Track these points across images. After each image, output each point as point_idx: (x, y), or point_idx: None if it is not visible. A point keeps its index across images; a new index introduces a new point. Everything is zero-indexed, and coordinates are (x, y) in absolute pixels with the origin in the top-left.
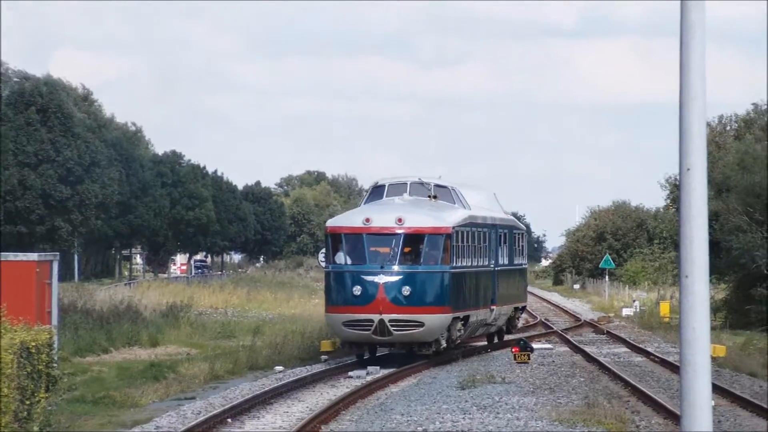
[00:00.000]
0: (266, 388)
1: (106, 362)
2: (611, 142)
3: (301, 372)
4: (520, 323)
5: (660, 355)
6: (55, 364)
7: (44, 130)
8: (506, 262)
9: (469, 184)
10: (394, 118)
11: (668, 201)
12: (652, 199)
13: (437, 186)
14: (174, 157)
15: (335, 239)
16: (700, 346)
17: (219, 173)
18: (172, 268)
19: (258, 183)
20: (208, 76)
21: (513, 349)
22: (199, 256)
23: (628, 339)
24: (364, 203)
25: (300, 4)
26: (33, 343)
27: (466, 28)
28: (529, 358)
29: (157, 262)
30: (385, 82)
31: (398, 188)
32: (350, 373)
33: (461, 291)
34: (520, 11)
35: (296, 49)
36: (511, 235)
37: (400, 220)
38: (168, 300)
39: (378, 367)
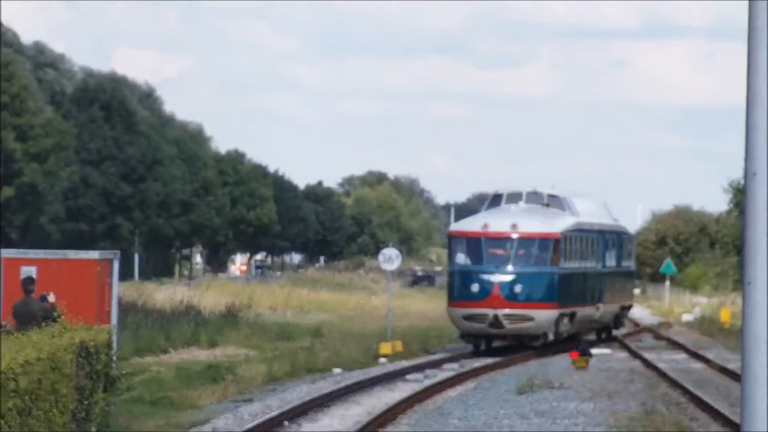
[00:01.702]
0: (324, 391)
1: (164, 362)
2: (672, 144)
3: (359, 375)
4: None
5: (720, 363)
6: (113, 364)
7: (107, 127)
8: (614, 264)
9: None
10: (451, 118)
11: (731, 205)
12: (714, 203)
13: (550, 195)
14: (236, 156)
15: (457, 242)
16: (763, 354)
17: (280, 173)
18: (232, 268)
19: (320, 183)
20: (267, 76)
21: (571, 354)
22: (259, 257)
23: (687, 345)
24: (485, 209)
25: (359, 4)
26: (92, 343)
27: (525, 29)
28: (587, 364)
29: (217, 261)
30: (444, 83)
31: (515, 197)
32: (408, 377)
33: (569, 289)
34: (579, 12)
35: (355, 50)
36: (619, 239)
37: (514, 225)
38: (227, 300)
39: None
